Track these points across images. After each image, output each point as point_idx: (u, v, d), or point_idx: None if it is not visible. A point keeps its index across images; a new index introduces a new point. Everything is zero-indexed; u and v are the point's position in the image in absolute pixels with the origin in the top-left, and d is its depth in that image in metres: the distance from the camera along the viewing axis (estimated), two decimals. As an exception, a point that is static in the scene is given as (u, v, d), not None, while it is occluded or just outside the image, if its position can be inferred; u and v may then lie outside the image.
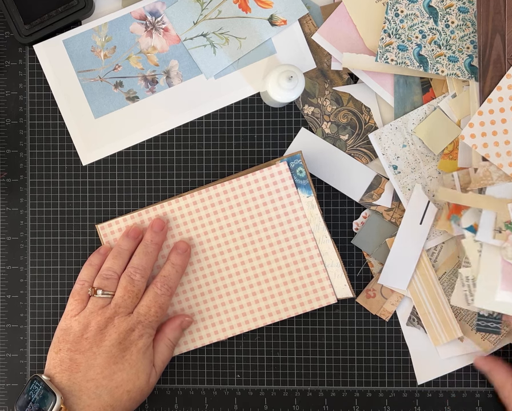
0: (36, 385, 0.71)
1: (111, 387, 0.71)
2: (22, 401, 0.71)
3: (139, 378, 0.72)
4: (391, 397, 0.79)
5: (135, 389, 0.72)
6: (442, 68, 0.76)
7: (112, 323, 0.72)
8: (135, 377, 0.72)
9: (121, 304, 0.73)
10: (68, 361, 0.72)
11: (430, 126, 0.77)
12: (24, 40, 0.77)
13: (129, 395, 0.72)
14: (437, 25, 0.76)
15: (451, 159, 0.77)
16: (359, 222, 0.79)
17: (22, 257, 0.80)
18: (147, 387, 0.73)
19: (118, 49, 0.79)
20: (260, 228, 0.77)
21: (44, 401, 0.70)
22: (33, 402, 0.70)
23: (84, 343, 0.72)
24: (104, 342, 0.72)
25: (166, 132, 0.80)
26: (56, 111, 0.79)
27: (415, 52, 0.76)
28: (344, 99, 0.79)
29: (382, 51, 0.76)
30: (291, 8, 0.78)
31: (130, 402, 0.72)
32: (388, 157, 0.78)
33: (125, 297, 0.73)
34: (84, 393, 0.71)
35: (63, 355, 0.72)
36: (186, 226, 0.77)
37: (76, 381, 0.71)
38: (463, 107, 0.76)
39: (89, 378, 0.71)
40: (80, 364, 0.71)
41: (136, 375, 0.72)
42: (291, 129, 0.79)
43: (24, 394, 0.71)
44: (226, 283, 0.77)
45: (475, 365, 0.77)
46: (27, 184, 0.80)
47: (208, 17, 0.79)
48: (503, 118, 0.73)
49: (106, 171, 0.80)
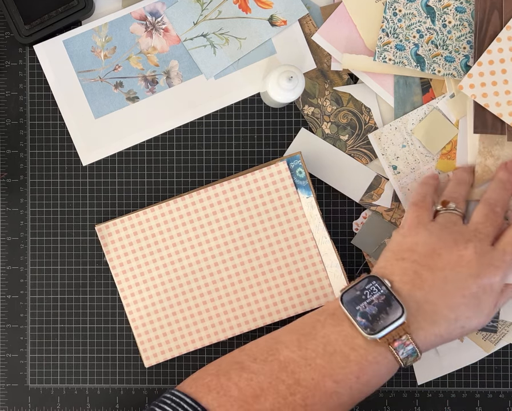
0: (376, 287, 0.64)
1: (450, 319, 0.64)
2: (353, 296, 0.64)
3: (479, 319, 0.65)
4: (391, 397, 0.79)
5: (471, 327, 0.65)
6: (438, 68, 0.76)
7: (473, 248, 0.65)
8: (475, 317, 0.65)
9: (482, 230, 0.66)
10: (412, 274, 0.65)
11: (427, 126, 0.77)
12: (24, 40, 0.78)
13: (461, 331, 0.65)
14: (434, 25, 0.76)
15: (449, 159, 0.77)
16: (359, 223, 0.79)
17: (22, 257, 0.80)
18: (479, 328, 0.66)
19: (118, 49, 0.79)
20: (259, 228, 0.77)
21: (387, 309, 0.63)
22: (369, 303, 0.63)
23: (436, 260, 0.65)
24: (461, 269, 0.64)
25: (166, 132, 0.80)
26: (56, 111, 0.79)
27: (412, 52, 0.76)
28: (344, 99, 0.79)
29: (380, 51, 0.76)
30: (291, 8, 0.79)
31: (458, 336, 0.65)
32: (387, 157, 0.78)
33: (487, 224, 0.67)
34: (421, 315, 0.64)
35: (407, 266, 0.65)
36: (185, 227, 0.77)
37: (415, 299, 0.64)
38: (461, 107, 0.77)
39: (430, 300, 0.64)
40: (426, 281, 0.64)
41: (478, 315, 0.65)
42: (291, 130, 0.79)
43: (357, 291, 0.65)
44: (225, 284, 0.77)
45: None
46: (27, 184, 0.80)
47: (208, 17, 0.79)
48: (503, 68, 0.73)
49: (106, 171, 0.80)
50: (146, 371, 0.79)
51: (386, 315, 0.63)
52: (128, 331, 0.79)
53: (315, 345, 0.64)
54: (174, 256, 0.77)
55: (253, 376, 0.63)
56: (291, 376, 0.63)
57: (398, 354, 0.63)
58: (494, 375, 0.79)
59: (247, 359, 0.65)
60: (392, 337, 0.62)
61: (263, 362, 0.64)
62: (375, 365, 0.63)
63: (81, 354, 0.79)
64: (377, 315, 0.63)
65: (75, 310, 0.80)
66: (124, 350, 0.79)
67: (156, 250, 0.77)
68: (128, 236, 0.78)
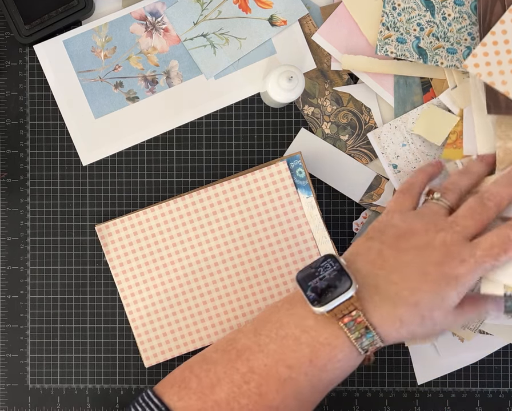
0: (330, 263, 0.62)
1: (409, 303, 0.61)
2: (307, 273, 0.63)
3: (442, 311, 0.61)
4: (391, 397, 0.79)
5: (433, 320, 0.61)
6: (441, 59, 0.76)
7: (442, 238, 0.62)
8: (438, 308, 0.61)
9: (460, 222, 0.63)
10: (376, 253, 0.63)
11: (426, 121, 0.77)
12: (24, 40, 0.78)
13: (421, 320, 0.61)
14: (434, 18, 0.76)
15: (455, 148, 0.77)
16: (359, 223, 0.79)
17: (22, 257, 0.80)
18: (442, 325, 0.63)
19: (118, 49, 0.79)
20: (259, 228, 0.77)
21: (336, 283, 0.61)
22: (321, 278, 0.61)
23: (403, 243, 0.63)
24: (424, 254, 0.62)
25: (166, 132, 0.80)
26: (56, 111, 0.79)
27: (414, 45, 0.76)
28: (344, 99, 0.79)
29: (381, 44, 0.76)
30: (291, 8, 0.79)
31: (417, 328, 0.62)
32: (387, 156, 0.78)
33: (467, 218, 0.63)
34: (379, 295, 0.61)
35: (373, 245, 0.64)
36: (185, 227, 0.77)
37: (375, 279, 0.62)
38: (464, 96, 0.77)
39: (391, 280, 0.61)
40: (387, 262, 0.62)
41: (441, 307, 0.61)
42: (291, 130, 0.79)
43: (312, 268, 0.63)
44: (225, 283, 0.77)
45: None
46: (27, 184, 0.80)
47: (208, 17, 0.79)
48: (508, 49, 0.73)
49: (106, 171, 0.80)
50: (146, 371, 0.79)
51: (335, 289, 0.61)
52: (128, 331, 0.79)
53: (269, 329, 0.63)
54: (174, 255, 0.77)
55: (211, 367, 0.62)
56: (245, 364, 0.62)
57: (350, 333, 0.60)
58: (494, 375, 0.79)
59: (210, 350, 0.64)
60: (341, 312, 0.60)
61: (222, 352, 0.63)
62: (328, 346, 0.61)
63: (81, 354, 0.79)
64: (326, 289, 0.61)
65: (75, 310, 0.80)
66: (124, 350, 0.79)
67: (156, 250, 0.77)
68: (128, 235, 0.78)
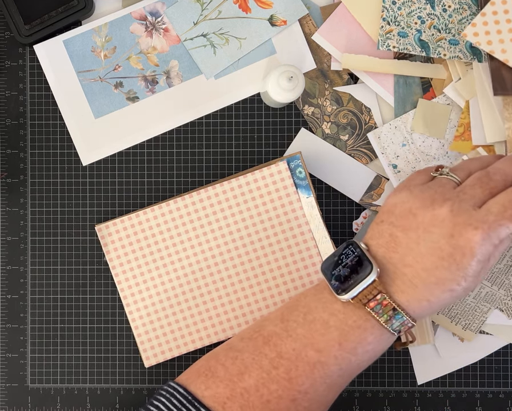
0: (351, 250, 0.62)
1: (430, 282, 0.60)
2: (330, 262, 0.63)
3: (465, 281, 0.60)
4: (391, 397, 0.79)
5: (459, 291, 0.60)
6: (443, 51, 0.76)
7: (449, 207, 0.60)
8: (461, 279, 0.60)
9: (467, 191, 0.61)
10: (388, 236, 0.62)
11: (422, 118, 0.77)
12: (24, 40, 0.78)
13: (450, 294, 0.60)
14: (434, 10, 0.76)
15: (463, 140, 0.77)
16: (359, 223, 0.79)
17: (22, 257, 0.80)
18: (471, 290, 0.62)
19: (118, 49, 0.79)
20: (259, 228, 0.77)
21: (358, 269, 0.61)
22: (343, 266, 0.62)
23: (411, 220, 0.61)
24: (433, 229, 0.60)
25: (166, 132, 0.80)
26: (56, 111, 0.79)
27: (415, 38, 0.76)
28: (344, 99, 0.79)
29: (382, 39, 0.76)
30: (291, 8, 0.79)
31: (450, 300, 0.61)
32: (387, 156, 0.78)
33: (475, 186, 0.61)
34: (399, 278, 0.61)
35: (384, 228, 0.63)
36: (185, 227, 0.77)
37: (392, 262, 0.61)
38: (469, 88, 0.77)
39: (407, 263, 0.61)
40: (400, 244, 0.61)
41: (463, 278, 0.60)
42: (291, 130, 0.79)
43: (335, 256, 0.63)
44: (225, 283, 0.77)
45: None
46: (27, 184, 0.80)
47: (208, 17, 0.79)
48: (508, 19, 0.73)
49: (106, 171, 0.80)
50: (146, 371, 0.79)
51: (356, 274, 0.61)
52: (128, 331, 0.79)
53: (296, 315, 0.63)
54: (173, 255, 0.77)
55: (238, 354, 0.63)
56: (273, 349, 0.62)
57: (378, 316, 0.60)
58: (494, 375, 0.79)
59: (235, 339, 0.65)
60: (365, 297, 0.60)
61: (248, 340, 0.64)
62: (357, 329, 0.61)
63: (81, 354, 0.79)
64: (348, 276, 0.61)
65: (75, 310, 0.80)
66: (124, 350, 0.79)
67: (156, 250, 0.77)
68: (128, 235, 0.78)
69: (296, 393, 0.61)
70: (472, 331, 0.77)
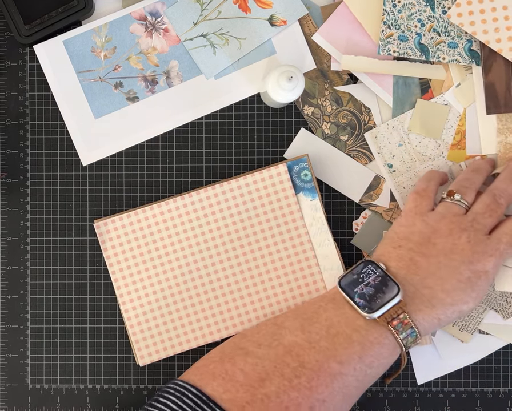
0: (372, 270, 0.67)
1: (446, 303, 0.66)
2: (350, 280, 0.67)
3: (474, 302, 0.67)
4: (391, 397, 0.79)
5: (467, 310, 0.68)
6: (442, 55, 0.76)
7: (467, 238, 0.67)
8: (472, 300, 0.67)
9: (480, 220, 0.68)
10: (408, 260, 0.68)
11: (420, 118, 0.77)
12: (24, 40, 0.78)
13: (459, 314, 0.67)
14: (434, 12, 0.76)
15: (459, 149, 0.77)
16: (359, 223, 0.79)
17: (22, 257, 0.80)
18: (473, 308, 0.69)
19: (118, 49, 0.79)
20: (257, 229, 0.77)
21: (383, 288, 0.66)
22: (366, 285, 0.66)
23: (431, 248, 0.68)
24: (454, 256, 0.67)
25: (166, 132, 0.80)
26: (56, 111, 0.79)
27: (415, 42, 0.76)
28: (344, 99, 0.79)
29: (383, 44, 0.76)
30: (291, 8, 0.79)
31: (456, 318, 0.68)
32: (383, 156, 0.78)
33: (486, 215, 0.68)
34: (418, 298, 0.66)
35: (403, 253, 0.68)
36: (184, 226, 0.77)
37: (412, 282, 0.67)
38: (468, 95, 0.77)
39: (426, 285, 0.67)
40: (421, 268, 0.67)
41: (474, 299, 0.67)
42: (291, 130, 0.79)
43: (354, 275, 0.68)
44: (221, 284, 0.77)
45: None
46: (27, 184, 0.80)
47: (208, 17, 0.79)
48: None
49: (106, 171, 0.80)
50: (146, 371, 0.79)
51: (383, 294, 0.65)
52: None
53: (319, 328, 0.66)
54: (171, 254, 0.77)
55: (258, 361, 0.65)
56: (295, 359, 0.64)
57: (398, 334, 0.65)
58: (494, 375, 0.79)
59: (250, 345, 0.66)
60: (390, 316, 0.65)
61: (268, 347, 0.66)
62: (377, 345, 0.65)
63: (81, 354, 0.79)
64: (374, 295, 0.66)
65: (75, 310, 0.80)
66: (124, 350, 0.79)
67: (154, 249, 0.77)
68: (127, 233, 0.78)
69: (315, 401, 0.63)
70: (469, 332, 0.77)
